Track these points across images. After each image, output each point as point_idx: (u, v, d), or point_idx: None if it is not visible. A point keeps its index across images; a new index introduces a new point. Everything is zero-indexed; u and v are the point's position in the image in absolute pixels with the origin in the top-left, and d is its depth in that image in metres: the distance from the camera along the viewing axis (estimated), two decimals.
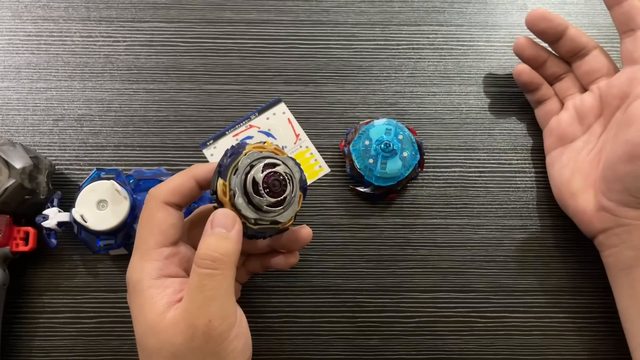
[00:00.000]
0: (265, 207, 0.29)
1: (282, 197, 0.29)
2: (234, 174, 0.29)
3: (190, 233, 0.33)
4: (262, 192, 0.28)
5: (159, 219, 0.30)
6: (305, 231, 0.34)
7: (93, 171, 0.38)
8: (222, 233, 0.28)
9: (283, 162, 0.30)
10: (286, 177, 0.29)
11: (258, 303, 0.39)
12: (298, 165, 0.31)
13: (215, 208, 0.30)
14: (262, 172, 0.29)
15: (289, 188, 0.29)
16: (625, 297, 0.36)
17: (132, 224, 0.37)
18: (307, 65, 0.44)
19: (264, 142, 0.31)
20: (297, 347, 0.39)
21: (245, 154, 0.29)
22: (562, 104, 0.41)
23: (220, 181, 0.29)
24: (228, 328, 0.28)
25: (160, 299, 0.28)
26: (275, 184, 0.29)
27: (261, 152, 0.29)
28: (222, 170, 0.29)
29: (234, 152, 0.29)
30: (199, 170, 0.31)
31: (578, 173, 0.38)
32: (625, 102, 0.36)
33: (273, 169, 0.29)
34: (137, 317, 0.29)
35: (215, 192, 0.29)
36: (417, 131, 0.42)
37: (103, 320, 0.39)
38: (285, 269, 0.39)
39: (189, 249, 0.32)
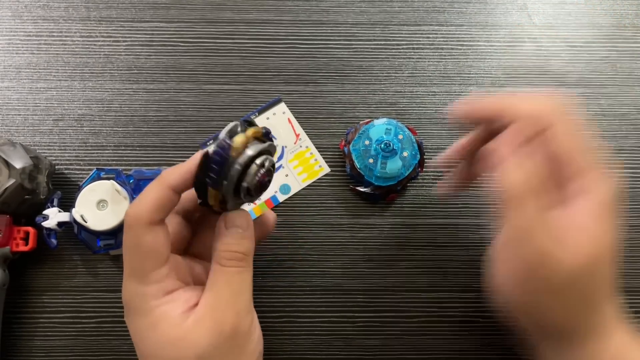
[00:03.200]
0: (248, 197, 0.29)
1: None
2: (225, 180, 0.28)
3: None
4: (253, 192, 0.28)
5: (148, 242, 0.28)
6: (272, 216, 0.34)
7: (93, 171, 0.38)
8: (240, 232, 0.29)
9: (269, 152, 0.29)
10: (273, 170, 0.29)
11: (258, 303, 0.39)
12: (269, 136, 0.30)
13: (200, 204, 0.29)
14: (256, 177, 0.28)
15: (273, 177, 0.30)
16: None
17: None
18: (307, 65, 0.44)
19: (246, 124, 0.29)
20: (297, 347, 0.39)
21: (235, 157, 0.27)
22: None
23: (212, 192, 0.28)
24: (251, 320, 0.29)
25: (172, 312, 0.28)
26: (266, 182, 0.29)
27: (247, 145, 0.28)
28: (212, 181, 0.28)
29: (222, 158, 0.27)
30: (172, 178, 0.29)
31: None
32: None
33: (263, 168, 0.28)
34: (149, 336, 0.28)
35: (205, 202, 0.29)
36: (417, 131, 0.42)
37: (103, 320, 0.39)
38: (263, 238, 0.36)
39: (174, 256, 0.31)
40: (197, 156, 0.29)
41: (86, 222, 0.36)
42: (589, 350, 0.29)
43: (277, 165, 0.42)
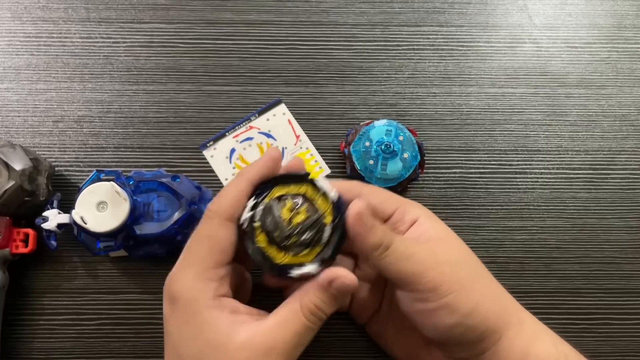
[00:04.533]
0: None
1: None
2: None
3: None
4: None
5: (220, 238, 0.29)
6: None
7: (93, 173, 0.38)
8: (337, 298, 0.29)
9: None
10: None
11: (258, 304, 0.39)
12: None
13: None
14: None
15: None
16: None
17: (132, 225, 0.37)
18: (307, 66, 0.44)
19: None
20: None
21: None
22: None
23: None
24: None
25: (222, 319, 0.28)
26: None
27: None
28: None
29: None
30: (251, 175, 0.30)
31: (404, 335, 0.35)
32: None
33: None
34: (196, 336, 0.28)
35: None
36: (417, 132, 0.42)
37: (103, 322, 0.39)
38: None
39: (232, 264, 0.31)
40: (272, 152, 0.31)
41: (86, 223, 0.36)
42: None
43: None
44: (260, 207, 0.30)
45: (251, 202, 0.30)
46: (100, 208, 0.37)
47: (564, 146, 0.43)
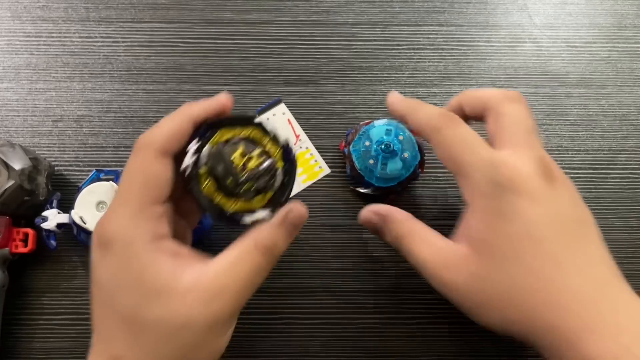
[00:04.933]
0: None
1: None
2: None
3: None
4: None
5: (155, 172, 0.26)
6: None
7: (92, 172, 0.38)
8: (291, 232, 0.28)
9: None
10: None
11: (258, 304, 0.39)
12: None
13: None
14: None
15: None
16: None
17: None
18: (307, 66, 0.44)
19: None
20: (297, 349, 0.39)
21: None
22: None
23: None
24: (236, 318, 0.28)
25: (163, 262, 0.25)
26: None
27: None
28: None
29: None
30: (194, 110, 0.28)
31: None
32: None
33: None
34: (134, 284, 0.25)
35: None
36: None
37: None
38: None
39: (171, 204, 0.29)
40: (222, 96, 0.29)
41: (85, 223, 0.36)
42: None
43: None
44: (206, 151, 0.28)
45: (194, 146, 0.28)
46: (100, 208, 0.37)
47: (564, 146, 0.43)
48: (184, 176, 0.28)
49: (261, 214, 0.28)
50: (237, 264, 0.26)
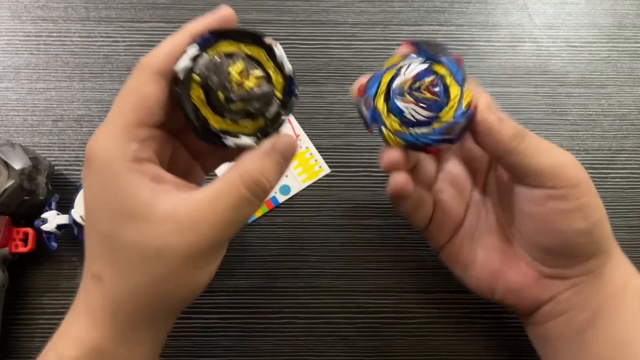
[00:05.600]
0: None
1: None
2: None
3: None
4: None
5: (147, 92, 0.25)
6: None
7: None
8: (281, 164, 0.26)
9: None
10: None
11: (258, 304, 0.39)
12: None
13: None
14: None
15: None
16: None
17: None
18: (307, 65, 0.44)
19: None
20: (297, 349, 0.39)
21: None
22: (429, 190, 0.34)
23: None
24: (221, 255, 0.26)
25: (141, 185, 0.24)
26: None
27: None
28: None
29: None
30: (195, 28, 0.26)
31: (492, 251, 0.33)
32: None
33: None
34: (110, 203, 0.24)
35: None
36: None
37: None
38: None
39: (161, 131, 0.27)
40: (225, 10, 0.27)
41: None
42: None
43: None
44: (204, 59, 0.26)
45: (192, 50, 0.26)
46: None
47: (564, 145, 0.43)
48: (173, 88, 0.26)
49: (247, 139, 0.26)
50: (218, 196, 0.25)
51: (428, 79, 0.28)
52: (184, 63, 0.25)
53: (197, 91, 0.26)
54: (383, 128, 0.28)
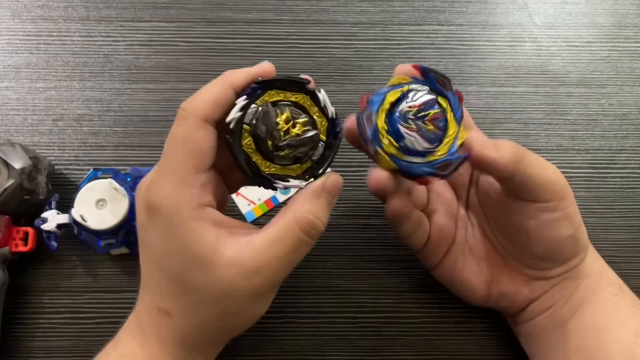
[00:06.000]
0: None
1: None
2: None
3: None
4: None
5: (198, 140, 0.26)
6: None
7: (90, 171, 0.38)
8: (330, 202, 0.27)
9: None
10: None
11: None
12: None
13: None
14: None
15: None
16: (559, 357, 0.33)
17: (132, 221, 0.37)
18: (307, 65, 0.44)
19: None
20: (298, 348, 0.39)
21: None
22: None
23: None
24: (275, 292, 0.29)
25: (207, 232, 0.26)
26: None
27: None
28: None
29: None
30: (235, 77, 0.28)
31: (482, 262, 0.35)
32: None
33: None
34: (180, 250, 0.26)
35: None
36: None
37: (102, 320, 0.39)
38: None
39: (214, 172, 0.29)
40: (267, 66, 0.28)
41: (86, 221, 0.36)
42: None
43: None
44: (253, 109, 0.27)
45: (242, 101, 0.27)
46: (100, 205, 0.37)
47: (564, 145, 0.43)
48: (227, 130, 0.27)
49: (296, 182, 0.28)
50: (277, 241, 0.26)
51: (433, 111, 0.28)
52: (234, 114, 0.27)
53: (248, 139, 0.27)
54: (379, 148, 0.28)
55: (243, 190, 0.41)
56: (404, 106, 0.28)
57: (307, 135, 0.27)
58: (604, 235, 0.41)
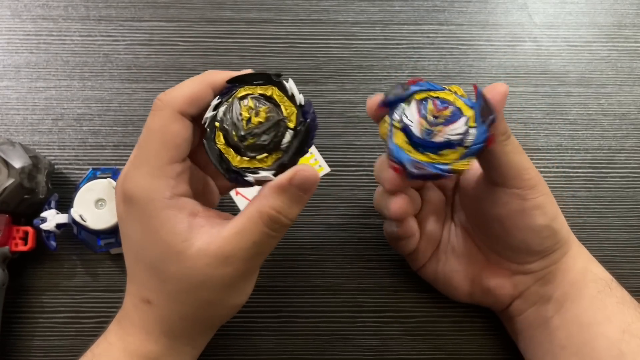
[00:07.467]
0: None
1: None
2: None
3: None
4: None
5: (174, 131, 0.27)
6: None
7: (89, 171, 0.38)
8: (299, 197, 0.27)
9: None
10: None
11: (258, 303, 0.39)
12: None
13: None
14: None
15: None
16: (545, 352, 0.33)
17: None
18: (306, 65, 0.44)
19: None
20: (297, 348, 0.39)
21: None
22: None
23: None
24: (252, 283, 0.30)
25: (179, 222, 0.26)
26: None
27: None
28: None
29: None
30: (216, 78, 0.28)
31: (466, 260, 0.36)
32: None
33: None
34: (154, 240, 0.26)
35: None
36: None
37: (102, 320, 0.39)
38: None
39: (189, 162, 0.29)
40: (247, 71, 0.29)
41: (85, 221, 0.36)
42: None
43: None
44: (224, 107, 0.28)
45: (215, 101, 0.28)
46: (99, 205, 0.37)
47: (564, 145, 0.43)
48: (201, 131, 0.28)
49: (265, 173, 0.27)
50: (242, 234, 0.26)
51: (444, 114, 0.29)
52: (207, 114, 0.28)
53: (219, 136, 0.28)
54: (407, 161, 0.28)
55: (243, 189, 0.41)
56: (447, 134, 0.28)
57: (268, 121, 0.27)
58: (603, 235, 0.41)
